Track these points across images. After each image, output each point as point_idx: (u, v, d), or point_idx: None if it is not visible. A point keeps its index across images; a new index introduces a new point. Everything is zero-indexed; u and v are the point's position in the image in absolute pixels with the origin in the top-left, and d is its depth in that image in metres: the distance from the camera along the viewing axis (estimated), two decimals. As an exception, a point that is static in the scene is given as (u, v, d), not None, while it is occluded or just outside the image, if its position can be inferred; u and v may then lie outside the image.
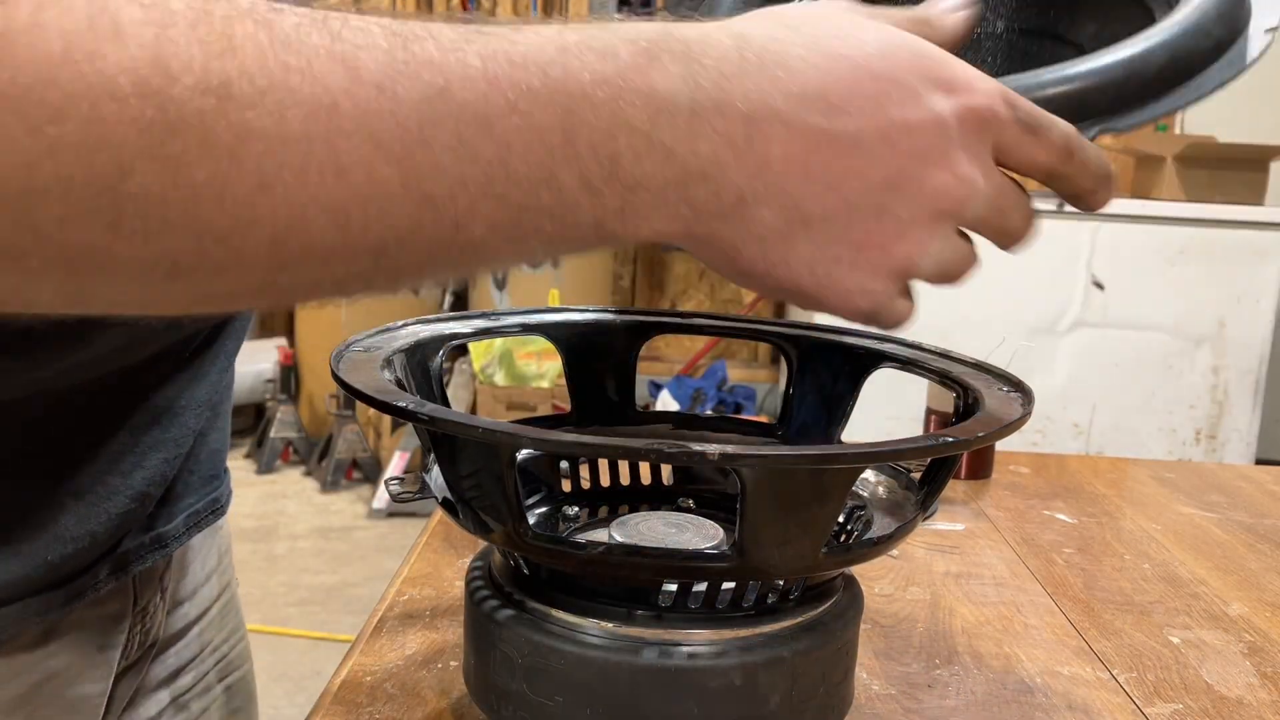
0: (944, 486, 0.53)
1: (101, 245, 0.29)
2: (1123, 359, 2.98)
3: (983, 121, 0.39)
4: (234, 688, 0.72)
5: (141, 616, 0.60)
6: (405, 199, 0.31)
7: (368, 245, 0.32)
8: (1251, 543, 0.93)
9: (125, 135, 0.28)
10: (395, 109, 0.31)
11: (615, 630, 0.47)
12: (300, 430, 3.70)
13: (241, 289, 0.33)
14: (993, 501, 1.00)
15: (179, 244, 0.30)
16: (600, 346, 0.64)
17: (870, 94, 0.37)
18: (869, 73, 0.37)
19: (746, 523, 0.43)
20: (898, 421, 2.83)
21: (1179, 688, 0.66)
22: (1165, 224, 2.94)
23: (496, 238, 0.34)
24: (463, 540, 0.81)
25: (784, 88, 0.36)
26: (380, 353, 0.53)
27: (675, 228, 0.36)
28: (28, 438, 0.49)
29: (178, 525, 0.61)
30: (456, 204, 0.32)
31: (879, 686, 0.64)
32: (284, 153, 0.30)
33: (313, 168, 0.30)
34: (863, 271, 0.39)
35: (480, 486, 0.46)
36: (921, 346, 0.61)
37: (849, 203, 0.37)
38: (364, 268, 0.33)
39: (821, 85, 0.36)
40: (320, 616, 2.62)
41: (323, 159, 0.30)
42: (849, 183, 0.37)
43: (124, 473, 0.54)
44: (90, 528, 0.52)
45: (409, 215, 0.32)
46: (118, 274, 0.30)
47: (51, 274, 0.30)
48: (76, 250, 0.29)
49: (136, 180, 0.28)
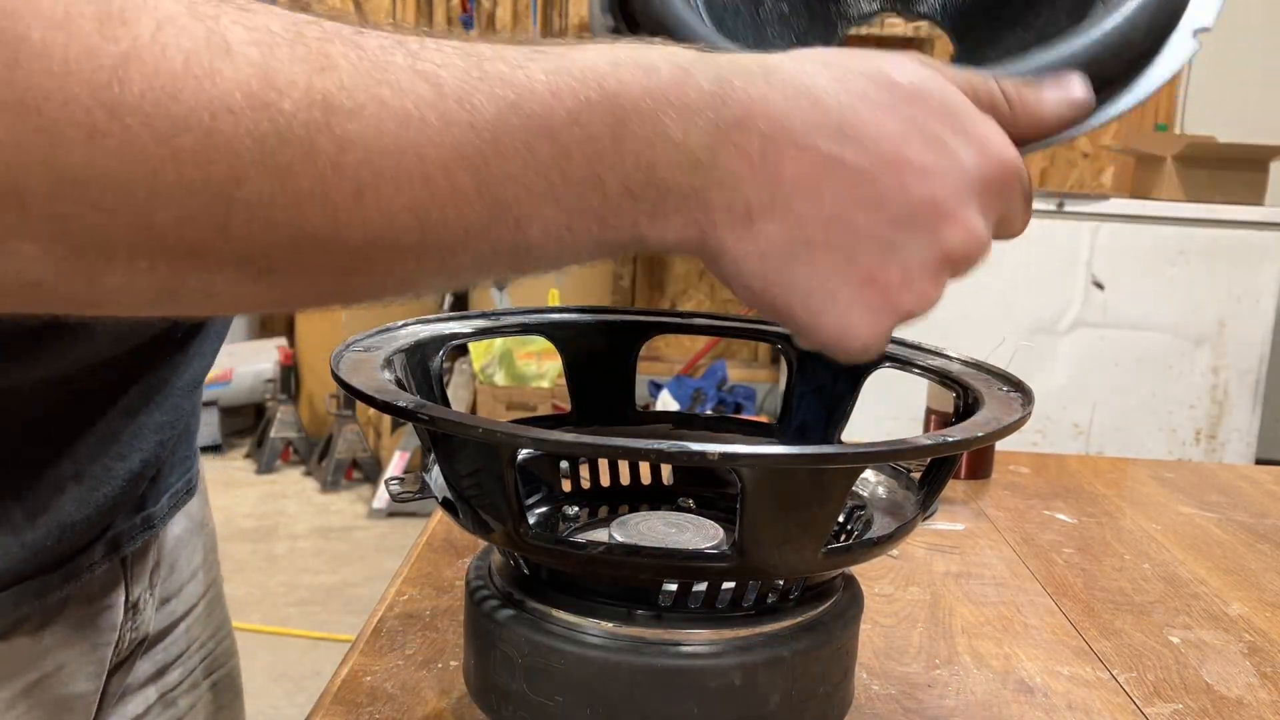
0: (944, 486, 0.53)
1: (210, 245, 0.31)
2: (1123, 359, 2.98)
3: (1006, 186, 0.40)
4: (220, 684, 0.73)
5: (133, 613, 0.60)
6: (478, 202, 0.34)
7: (441, 245, 0.35)
8: (1251, 543, 0.93)
9: (241, 145, 0.30)
10: (473, 120, 0.33)
11: (615, 630, 0.47)
12: (300, 430, 3.70)
13: (321, 290, 0.35)
14: (993, 501, 1.00)
15: (279, 246, 0.32)
16: (600, 346, 0.64)
17: (891, 132, 0.38)
18: (893, 112, 0.38)
19: (746, 523, 0.43)
20: (898, 421, 2.83)
21: (1179, 688, 0.66)
22: (1165, 224, 2.94)
23: (549, 239, 0.36)
24: (463, 540, 0.81)
25: (804, 113, 0.37)
26: (380, 353, 0.53)
27: (692, 233, 0.38)
28: (28, 426, 0.50)
29: (163, 505, 0.62)
30: (521, 207, 0.35)
31: (879, 686, 0.64)
32: (379, 161, 0.32)
33: (403, 175, 0.33)
34: (859, 310, 0.39)
35: (480, 486, 0.46)
36: (921, 346, 0.61)
37: (855, 233, 0.38)
38: (431, 266, 0.36)
39: (841, 116, 0.37)
40: (320, 616, 2.62)
41: (411, 167, 0.33)
42: (858, 213, 0.38)
43: (121, 455, 0.55)
44: (87, 511, 0.53)
45: (479, 217, 0.34)
46: (216, 272, 0.33)
47: (158, 272, 0.32)
48: (187, 249, 0.31)
49: (249, 187, 0.31)
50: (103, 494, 0.54)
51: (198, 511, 0.71)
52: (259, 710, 2.11)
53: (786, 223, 0.38)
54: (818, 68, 0.39)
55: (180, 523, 0.68)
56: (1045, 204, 2.90)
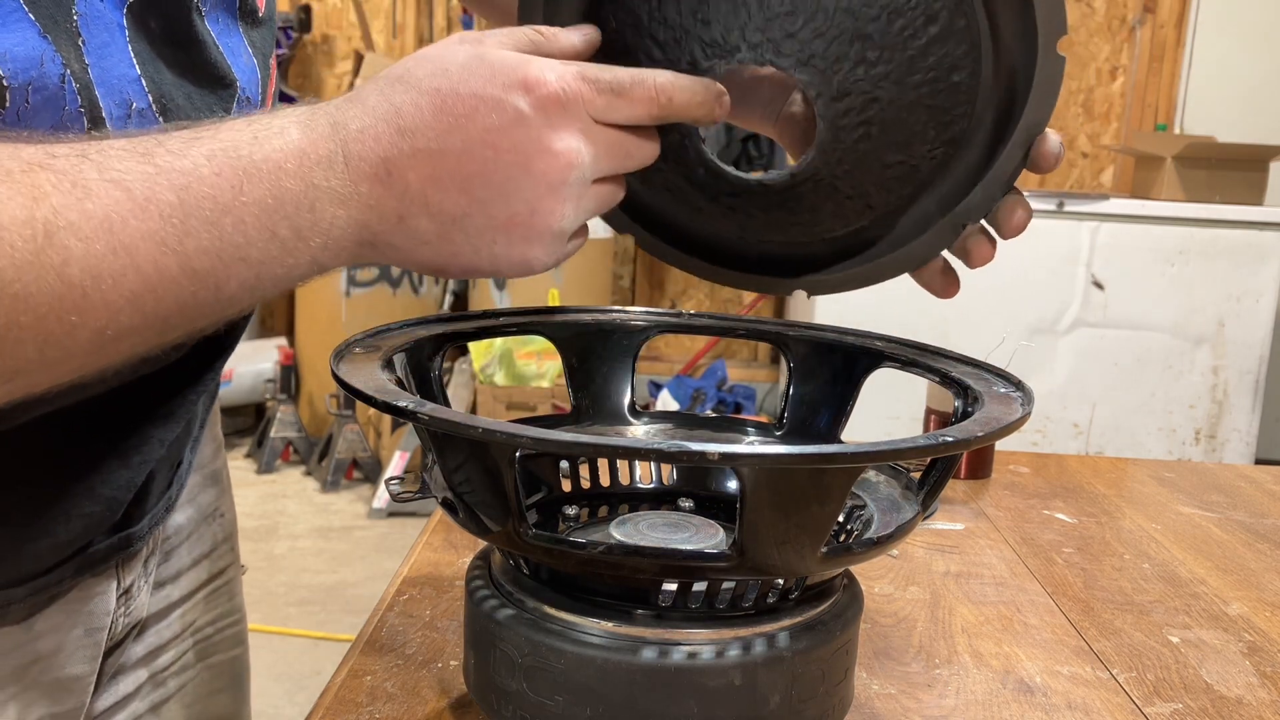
0: (944, 486, 0.53)
1: None
2: (1122, 359, 2.98)
3: (562, 103, 0.47)
4: (217, 669, 0.73)
5: (125, 599, 0.61)
6: (181, 277, 0.41)
7: (157, 320, 0.41)
8: (1251, 542, 0.93)
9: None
10: (162, 211, 0.39)
11: (615, 630, 0.47)
12: (300, 430, 3.69)
13: (58, 379, 0.41)
14: (992, 501, 1.00)
15: (26, 358, 0.38)
16: (600, 346, 0.64)
17: (462, 112, 0.46)
18: (456, 95, 0.46)
19: (746, 523, 0.43)
20: (898, 421, 2.83)
21: (1178, 687, 0.66)
22: (1165, 224, 2.94)
23: (244, 291, 0.43)
24: (463, 540, 0.81)
25: (398, 127, 0.46)
26: (380, 353, 0.53)
27: (365, 251, 0.47)
28: (52, 439, 0.53)
29: (173, 493, 0.64)
30: (216, 273, 0.42)
31: (879, 686, 0.64)
32: (98, 266, 0.38)
33: (118, 272, 0.39)
34: (520, 244, 0.49)
35: (480, 486, 0.46)
36: (921, 346, 0.61)
37: (480, 199, 0.47)
38: (149, 338, 0.42)
39: (421, 118, 0.46)
40: (320, 616, 2.62)
41: (124, 264, 0.39)
42: (474, 184, 0.46)
43: (130, 464, 0.57)
44: (98, 508, 0.55)
45: (185, 289, 0.41)
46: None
47: None
48: None
49: None
50: (114, 497, 0.56)
51: (209, 502, 0.72)
52: (259, 710, 2.11)
53: (429, 213, 0.46)
54: (395, 85, 0.47)
55: (184, 511, 0.68)
56: (1045, 204, 2.91)
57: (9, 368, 0.38)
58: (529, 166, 0.47)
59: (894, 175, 0.59)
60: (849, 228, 0.61)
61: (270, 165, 0.43)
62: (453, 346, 0.60)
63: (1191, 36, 3.79)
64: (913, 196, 0.59)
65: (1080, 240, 2.93)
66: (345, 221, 0.45)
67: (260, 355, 3.78)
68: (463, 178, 0.46)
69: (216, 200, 0.41)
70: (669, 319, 0.67)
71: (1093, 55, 3.88)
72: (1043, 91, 0.53)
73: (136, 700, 0.66)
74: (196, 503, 0.70)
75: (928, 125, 0.57)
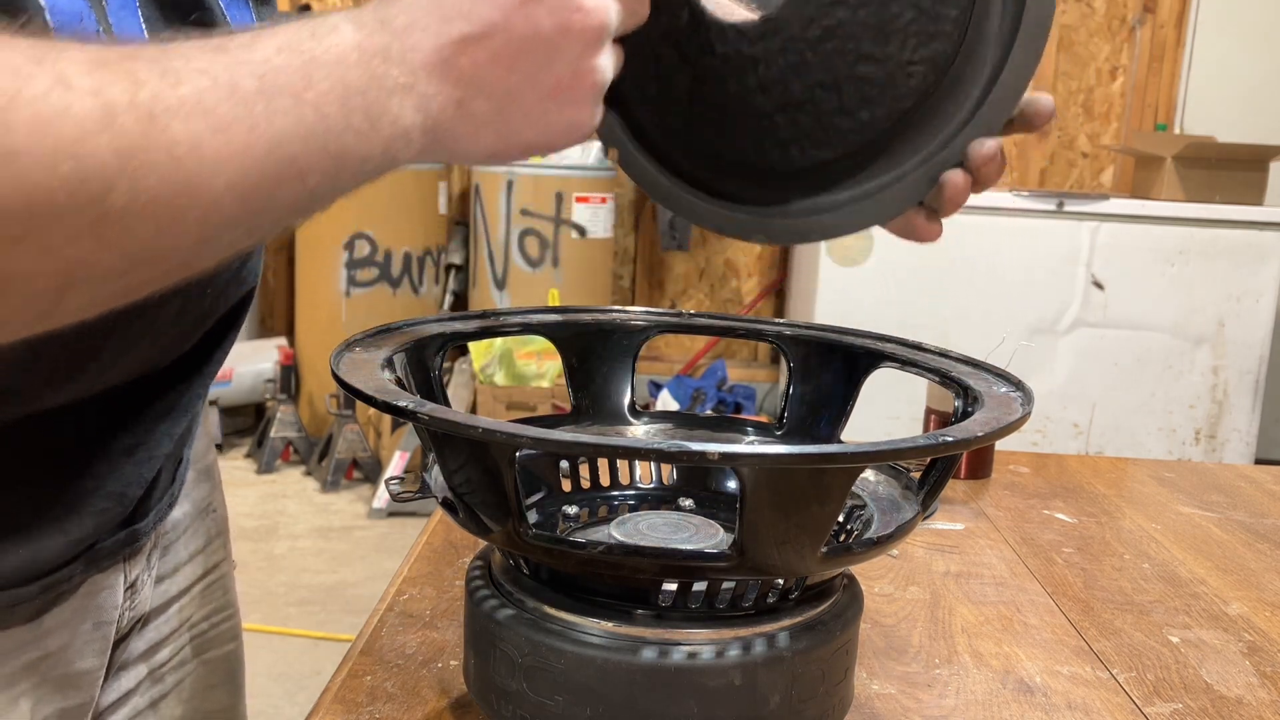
0: (944, 486, 0.53)
1: (88, 255, 0.38)
2: (1122, 359, 2.98)
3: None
4: (213, 663, 0.74)
5: (131, 592, 0.62)
6: (268, 163, 0.42)
7: (249, 213, 0.42)
8: (1251, 542, 0.93)
9: (105, 160, 0.36)
10: (246, 96, 0.41)
11: (615, 630, 0.47)
12: (300, 430, 3.69)
13: (169, 272, 0.42)
14: (992, 501, 1.00)
15: (143, 241, 0.39)
16: (600, 346, 0.64)
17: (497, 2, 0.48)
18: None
19: (746, 523, 0.43)
20: (898, 421, 2.83)
21: (1178, 687, 0.66)
22: (1165, 224, 2.94)
23: (326, 182, 0.44)
24: (463, 540, 0.81)
25: (442, 15, 0.47)
26: (380, 353, 0.53)
27: (430, 144, 0.48)
28: (62, 439, 0.54)
29: (175, 489, 0.65)
30: (299, 162, 0.43)
31: (879, 686, 0.64)
32: (198, 146, 0.39)
33: (215, 155, 0.40)
34: (569, 107, 0.51)
35: (480, 486, 0.46)
36: (921, 346, 0.61)
37: (528, 71, 0.49)
38: (239, 237, 0.43)
39: (460, 4, 0.47)
40: (320, 616, 2.62)
41: (219, 146, 0.40)
42: (520, 59, 0.48)
43: (139, 460, 0.58)
44: (110, 505, 0.56)
45: (272, 178, 0.42)
46: (95, 280, 0.39)
47: (47, 291, 0.38)
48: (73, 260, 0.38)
49: (116, 196, 0.37)
50: (126, 495, 0.57)
51: (202, 497, 0.72)
52: (259, 710, 2.11)
53: (486, 95, 0.48)
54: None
55: (181, 506, 0.69)
56: (1045, 204, 2.91)
57: (129, 252, 0.39)
58: (568, 28, 0.48)
59: (869, 82, 0.56)
60: (822, 154, 0.58)
61: (332, 57, 0.44)
62: (453, 346, 0.60)
63: (1191, 36, 3.79)
64: (888, 133, 0.57)
65: (1080, 240, 2.93)
66: (412, 110, 0.46)
67: (260, 355, 3.78)
68: (509, 55, 0.48)
69: (292, 88, 0.42)
70: (669, 319, 0.67)
71: (1093, 55, 3.88)
72: (1032, 31, 0.52)
73: (137, 695, 0.66)
74: (191, 497, 0.70)
75: (910, 25, 0.55)
